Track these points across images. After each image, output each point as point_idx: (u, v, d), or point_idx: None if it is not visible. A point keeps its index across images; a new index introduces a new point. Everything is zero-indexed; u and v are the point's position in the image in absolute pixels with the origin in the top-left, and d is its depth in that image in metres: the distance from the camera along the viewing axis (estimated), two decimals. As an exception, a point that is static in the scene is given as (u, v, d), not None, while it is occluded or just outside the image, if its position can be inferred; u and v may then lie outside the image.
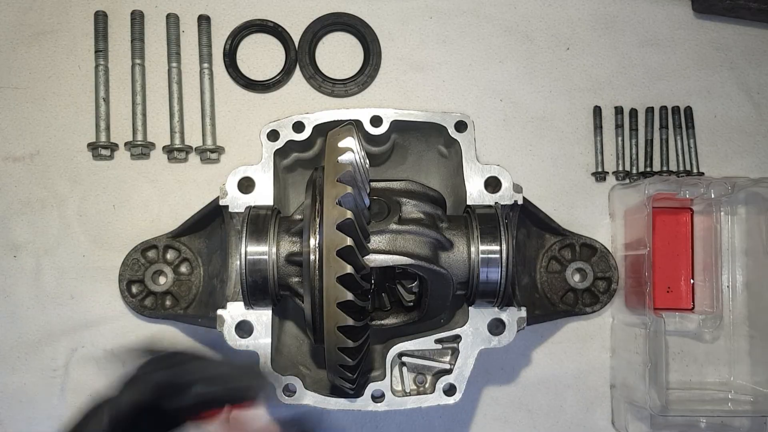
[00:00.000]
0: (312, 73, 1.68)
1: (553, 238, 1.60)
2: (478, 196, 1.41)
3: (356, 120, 1.41)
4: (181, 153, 1.64)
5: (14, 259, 1.63)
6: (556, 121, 1.70)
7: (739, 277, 1.63)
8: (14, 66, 1.67)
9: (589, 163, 1.70)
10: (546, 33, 1.72)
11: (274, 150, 1.41)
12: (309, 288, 1.19)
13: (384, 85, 1.70)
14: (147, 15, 1.68)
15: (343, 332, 1.12)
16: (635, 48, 1.72)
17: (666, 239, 1.63)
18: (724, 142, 1.70)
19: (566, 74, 1.71)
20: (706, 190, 1.57)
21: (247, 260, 1.29)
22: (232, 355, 1.36)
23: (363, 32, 1.69)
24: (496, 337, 1.38)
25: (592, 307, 1.58)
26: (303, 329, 1.51)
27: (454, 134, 1.43)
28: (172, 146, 1.64)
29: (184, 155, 1.65)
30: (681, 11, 1.73)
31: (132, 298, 1.57)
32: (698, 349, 1.64)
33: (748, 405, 1.57)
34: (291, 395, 1.35)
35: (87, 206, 1.64)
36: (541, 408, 1.65)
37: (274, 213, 1.36)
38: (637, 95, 1.71)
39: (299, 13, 1.70)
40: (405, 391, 1.40)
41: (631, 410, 1.58)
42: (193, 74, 1.68)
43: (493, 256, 1.31)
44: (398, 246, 1.25)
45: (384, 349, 1.43)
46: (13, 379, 1.60)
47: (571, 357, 1.65)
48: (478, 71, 1.71)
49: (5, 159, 1.64)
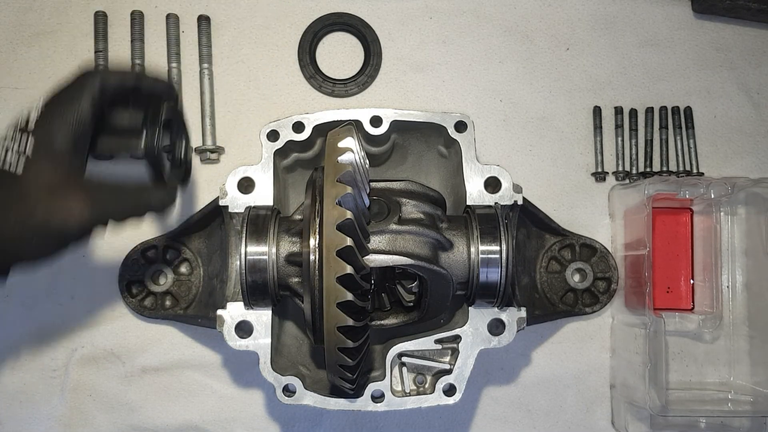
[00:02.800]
0: (312, 73, 1.68)
1: (552, 239, 1.60)
2: (478, 197, 1.41)
3: (356, 120, 1.42)
4: (181, 153, 1.64)
5: (14, 259, 1.63)
6: (556, 121, 1.70)
7: (738, 278, 1.63)
8: (14, 66, 1.67)
9: (589, 163, 1.70)
10: (546, 33, 1.72)
11: (274, 150, 1.41)
12: (309, 288, 1.19)
13: (384, 86, 1.70)
14: (147, 15, 1.68)
15: (343, 332, 1.12)
16: (635, 48, 1.72)
17: (666, 239, 1.63)
18: (723, 142, 1.70)
19: (566, 74, 1.71)
20: (706, 190, 1.57)
21: (247, 260, 1.29)
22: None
23: (363, 32, 1.69)
24: (496, 337, 1.38)
25: (591, 308, 1.58)
26: (303, 329, 1.51)
27: (454, 134, 1.43)
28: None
29: (184, 155, 1.65)
30: (681, 11, 1.74)
31: (132, 299, 1.57)
32: (698, 350, 1.64)
33: (748, 405, 1.57)
34: (291, 395, 1.35)
35: (87, 206, 1.64)
36: (540, 408, 1.65)
37: (274, 213, 1.36)
38: (637, 95, 1.71)
39: (299, 13, 1.70)
40: (405, 391, 1.40)
41: (630, 410, 1.58)
42: (193, 74, 1.68)
43: (493, 257, 1.31)
44: (398, 246, 1.25)
45: (384, 349, 1.43)
46: (13, 379, 1.60)
47: (571, 357, 1.65)
48: (477, 71, 1.71)
49: (5, 159, 1.64)
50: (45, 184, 1.11)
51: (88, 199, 1.14)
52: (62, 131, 1.13)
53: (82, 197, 1.13)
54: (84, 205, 1.13)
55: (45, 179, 1.10)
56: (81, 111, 1.16)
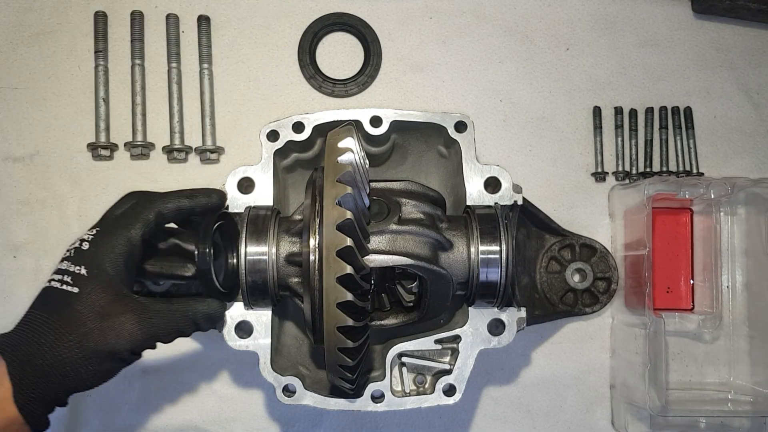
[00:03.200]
0: (312, 73, 1.68)
1: (552, 239, 1.60)
2: (478, 197, 1.41)
3: (356, 120, 1.41)
4: (180, 153, 1.64)
5: (14, 259, 1.63)
6: (555, 121, 1.70)
7: (738, 278, 1.63)
8: (14, 66, 1.67)
9: (588, 163, 1.70)
10: (545, 33, 1.72)
11: (274, 150, 1.41)
12: (309, 288, 1.19)
13: (384, 86, 1.70)
14: (147, 15, 1.68)
15: (342, 333, 1.12)
16: (635, 48, 1.72)
17: (666, 239, 1.63)
18: (723, 142, 1.70)
19: (566, 74, 1.71)
20: (705, 190, 1.57)
21: (246, 260, 1.29)
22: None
23: (363, 32, 1.69)
24: (496, 337, 1.38)
25: (591, 308, 1.58)
26: (303, 330, 1.51)
27: (453, 134, 1.42)
28: (172, 146, 1.64)
29: (184, 156, 1.65)
30: (681, 11, 1.74)
31: (132, 299, 1.57)
32: (698, 350, 1.64)
33: (748, 405, 1.57)
34: (291, 395, 1.35)
35: (87, 206, 1.64)
36: (540, 408, 1.65)
37: (274, 213, 1.36)
38: (637, 95, 1.71)
39: (299, 13, 1.70)
40: (405, 391, 1.40)
41: (630, 410, 1.58)
42: (193, 74, 1.68)
43: (493, 257, 1.31)
44: (398, 246, 1.25)
45: (384, 349, 1.43)
46: (13, 380, 1.60)
47: (571, 357, 1.65)
48: (477, 71, 1.71)
49: (5, 159, 1.65)
50: (98, 307, 1.13)
51: (138, 321, 1.16)
52: (112, 259, 1.15)
53: (133, 320, 1.15)
54: (135, 328, 1.15)
55: (98, 303, 1.13)
56: (132, 240, 1.17)
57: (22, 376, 1.07)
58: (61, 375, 1.10)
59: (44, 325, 1.10)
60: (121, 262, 1.16)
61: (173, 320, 1.21)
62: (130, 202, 1.25)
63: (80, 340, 1.10)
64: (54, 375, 1.09)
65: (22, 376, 1.07)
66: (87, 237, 1.18)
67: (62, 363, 1.09)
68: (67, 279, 1.13)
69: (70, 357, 1.10)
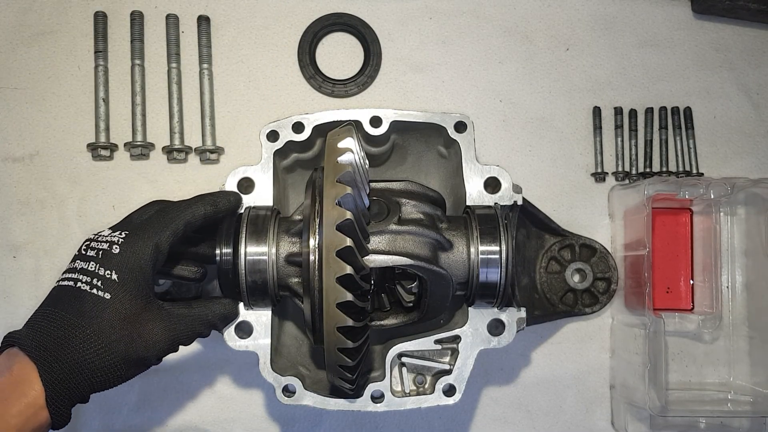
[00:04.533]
0: (312, 74, 1.68)
1: (552, 239, 1.60)
2: (478, 197, 1.41)
3: (356, 120, 1.41)
4: (180, 153, 1.64)
5: (14, 259, 1.63)
6: (555, 121, 1.70)
7: (738, 278, 1.63)
8: (14, 66, 1.67)
9: (588, 163, 1.70)
10: (545, 33, 1.72)
11: (274, 150, 1.41)
12: (308, 288, 1.19)
13: (384, 86, 1.70)
14: (147, 15, 1.68)
15: (342, 333, 1.12)
16: (635, 48, 1.72)
17: (665, 240, 1.63)
18: (723, 142, 1.70)
19: (566, 75, 1.71)
20: (705, 190, 1.57)
21: (246, 260, 1.29)
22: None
23: (363, 32, 1.69)
24: (496, 337, 1.38)
25: (591, 308, 1.58)
26: (303, 330, 1.51)
27: (453, 135, 1.42)
28: (172, 147, 1.64)
29: (184, 156, 1.65)
30: (680, 12, 1.74)
31: (132, 299, 1.57)
32: (698, 350, 1.64)
33: (748, 405, 1.57)
34: (290, 396, 1.35)
35: (87, 207, 1.64)
36: (540, 408, 1.65)
37: (274, 213, 1.36)
38: (637, 96, 1.71)
39: (299, 14, 1.70)
40: (404, 391, 1.40)
41: (630, 411, 1.58)
42: (193, 75, 1.68)
43: (493, 257, 1.31)
44: (398, 246, 1.25)
45: (384, 349, 1.43)
46: (13, 380, 1.60)
47: (571, 357, 1.65)
48: (477, 72, 1.71)
49: (5, 159, 1.65)
50: (129, 315, 1.13)
51: (165, 329, 1.18)
52: (142, 266, 1.15)
53: (161, 327, 1.17)
54: (163, 336, 1.18)
55: (130, 311, 1.14)
56: (160, 247, 1.18)
57: (52, 379, 1.07)
58: (88, 377, 1.10)
59: (73, 327, 1.09)
60: (149, 269, 1.16)
61: (194, 324, 1.23)
62: (154, 208, 1.25)
63: (110, 347, 1.11)
64: (82, 377, 1.09)
65: (52, 380, 1.07)
66: (116, 240, 1.17)
67: (90, 367, 1.10)
68: (97, 283, 1.13)
69: (99, 362, 1.10)
